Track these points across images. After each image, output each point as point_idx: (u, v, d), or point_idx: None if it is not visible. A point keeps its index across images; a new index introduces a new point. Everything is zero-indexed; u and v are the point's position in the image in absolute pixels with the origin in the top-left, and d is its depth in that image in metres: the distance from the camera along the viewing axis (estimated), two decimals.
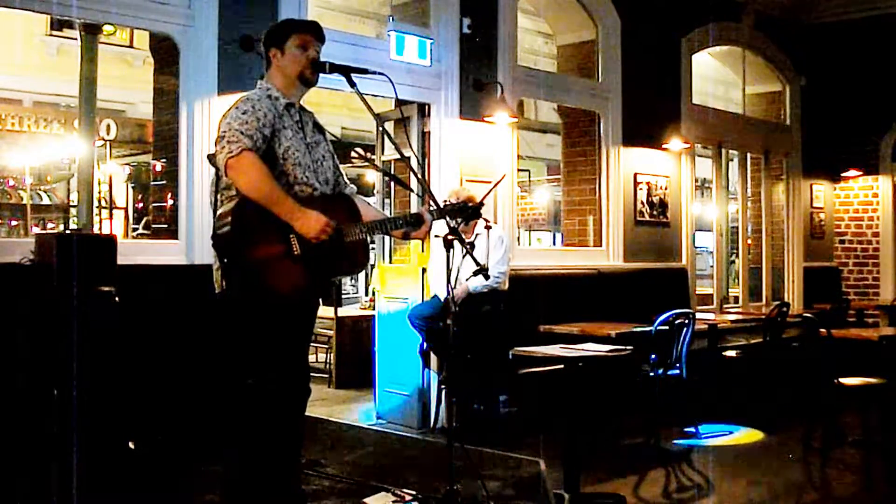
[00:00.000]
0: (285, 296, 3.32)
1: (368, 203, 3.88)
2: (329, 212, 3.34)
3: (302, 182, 3.39)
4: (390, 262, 7.07)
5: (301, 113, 3.53)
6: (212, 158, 3.30)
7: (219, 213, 3.31)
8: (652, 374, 5.96)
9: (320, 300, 4.11)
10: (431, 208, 3.68)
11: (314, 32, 3.54)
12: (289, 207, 3.24)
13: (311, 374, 3.78)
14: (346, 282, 13.89)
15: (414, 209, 6.44)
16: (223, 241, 3.24)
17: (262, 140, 3.29)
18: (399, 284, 6.56)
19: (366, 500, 4.21)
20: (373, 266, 7.45)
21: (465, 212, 3.82)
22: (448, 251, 3.79)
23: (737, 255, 10.43)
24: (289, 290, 3.31)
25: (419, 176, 6.10)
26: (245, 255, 3.22)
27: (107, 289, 4.00)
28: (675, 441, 6.11)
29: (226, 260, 3.23)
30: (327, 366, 8.25)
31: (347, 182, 3.73)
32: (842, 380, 5.55)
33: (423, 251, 6.39)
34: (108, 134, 10.13)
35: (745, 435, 6.32)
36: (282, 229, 3.24)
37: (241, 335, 3.39)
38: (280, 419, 3.40)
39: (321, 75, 3.55)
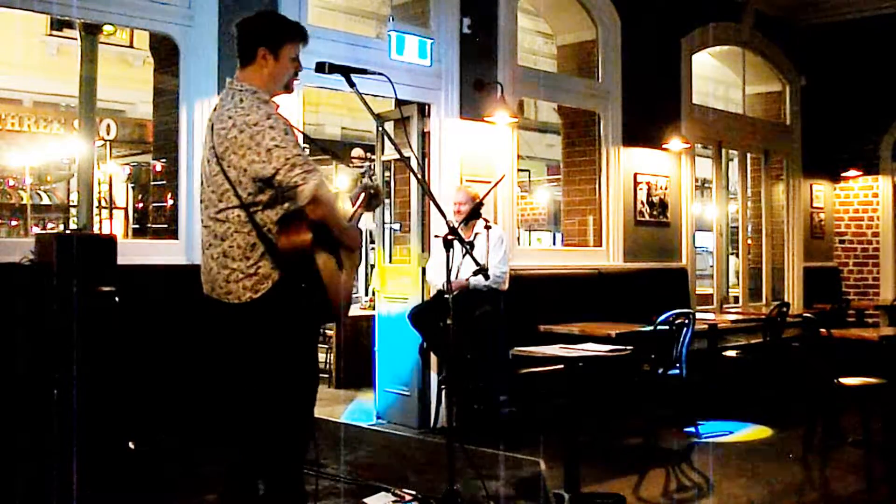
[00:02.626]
0: (339, 302, 3.31)
1: None
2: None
3: None
4: (390, 262, 7.07)
5: None
6: (286, 188, 3.06)
7: (283, 220, 3.13)
8: (652, 374, 5.97)
9: None
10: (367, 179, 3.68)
11: (305, 41, 3.40)
12: (344, 226, 3.25)
13: None
14: None
15: (414, 207, 6.52)
16: (301, 252, 3.11)
17: None
18: (399, 284, 6.57)
19: (366, 500, 4.21)
20: (373, 266, 7.45)
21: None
22: (447, 251, 3.80)
23: (736, 255, 10.43)
24: (340, 294, 3.30)
25: (419, 176, 6.11)
26: (318, 267, 3.16)
27: (107, 289, 4.01)
28: (678, 440, 6.11)
29: (301, 272, 3.13)
30: (327, 366, 8.26)
31: None
32: (842, 380, 5.54)
33: (423, 251, 6.39)
34: (108, 134, 10.15)
35: (750, 433, 6.32)
36: (333, 241, 3.23)
37: (277, 342, 3.23)
38: (293, 421, 3.38)
39: (321, 75, 3.54)
